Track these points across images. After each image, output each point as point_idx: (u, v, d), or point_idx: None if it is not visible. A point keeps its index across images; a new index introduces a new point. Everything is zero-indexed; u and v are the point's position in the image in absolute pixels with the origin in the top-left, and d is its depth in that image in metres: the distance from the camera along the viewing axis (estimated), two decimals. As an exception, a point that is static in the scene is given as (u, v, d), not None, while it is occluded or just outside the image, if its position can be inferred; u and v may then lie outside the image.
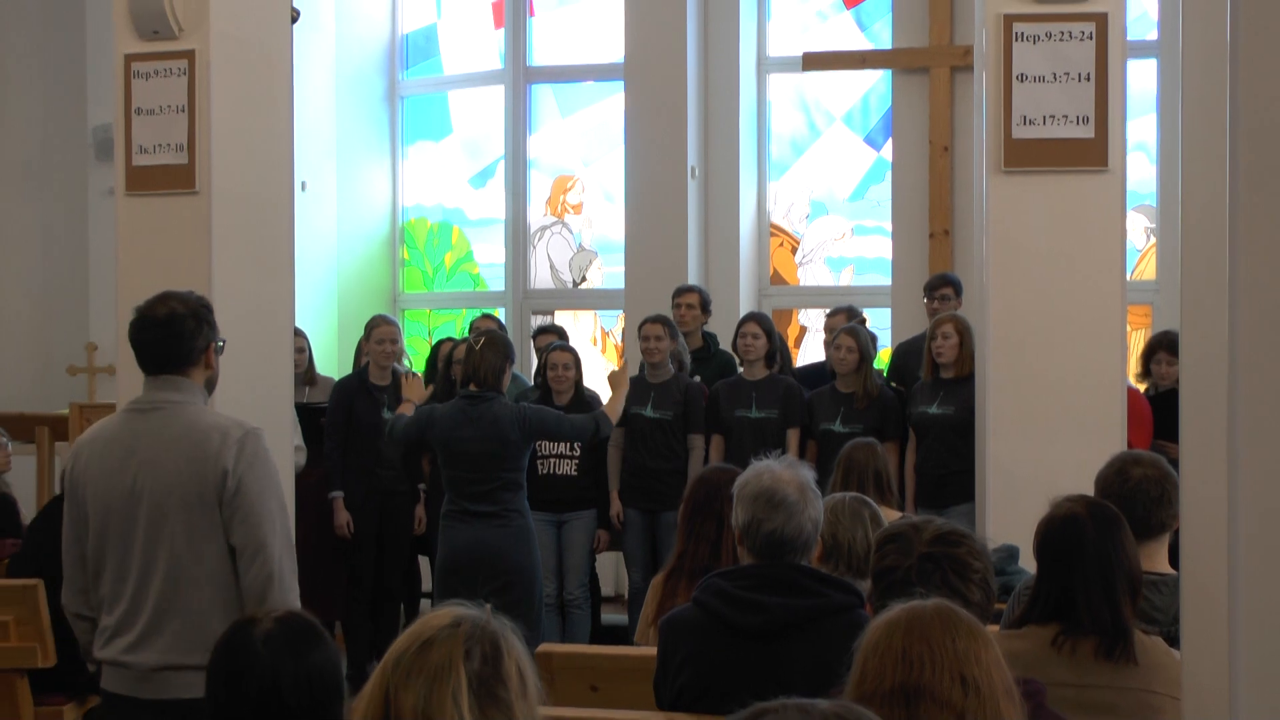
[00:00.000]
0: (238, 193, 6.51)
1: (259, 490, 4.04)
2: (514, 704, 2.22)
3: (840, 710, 1.94)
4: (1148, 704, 3.52)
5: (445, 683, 2.18)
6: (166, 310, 4.14)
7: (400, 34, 11.20)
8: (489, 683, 2.21)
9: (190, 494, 4.01)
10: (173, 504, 4.01)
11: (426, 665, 2.19)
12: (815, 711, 1.92)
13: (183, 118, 6.42)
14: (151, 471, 4.04)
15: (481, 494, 6.69)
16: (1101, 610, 3.52)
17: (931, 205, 9.55)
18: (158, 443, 4.06)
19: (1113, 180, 6.45)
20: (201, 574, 4.02)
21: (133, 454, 4.07)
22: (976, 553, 3.27)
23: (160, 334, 4.12)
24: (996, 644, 2.51)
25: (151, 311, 4.16)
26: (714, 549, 4.63)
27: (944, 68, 9.52)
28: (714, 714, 3.63)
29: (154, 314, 4.14)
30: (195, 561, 4.02)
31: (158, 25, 6.39)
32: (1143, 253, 9.63)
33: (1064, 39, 6.39)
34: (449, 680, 2.18)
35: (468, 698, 2.18)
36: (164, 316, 4.13)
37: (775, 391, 7.83)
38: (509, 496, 6.74)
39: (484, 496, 6.69)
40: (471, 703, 2.18)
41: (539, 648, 4.57)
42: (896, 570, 3.20)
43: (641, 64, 9.96)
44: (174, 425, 4.08)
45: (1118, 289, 6.47)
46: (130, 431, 4.12)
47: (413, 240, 11.28)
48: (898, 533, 3.29)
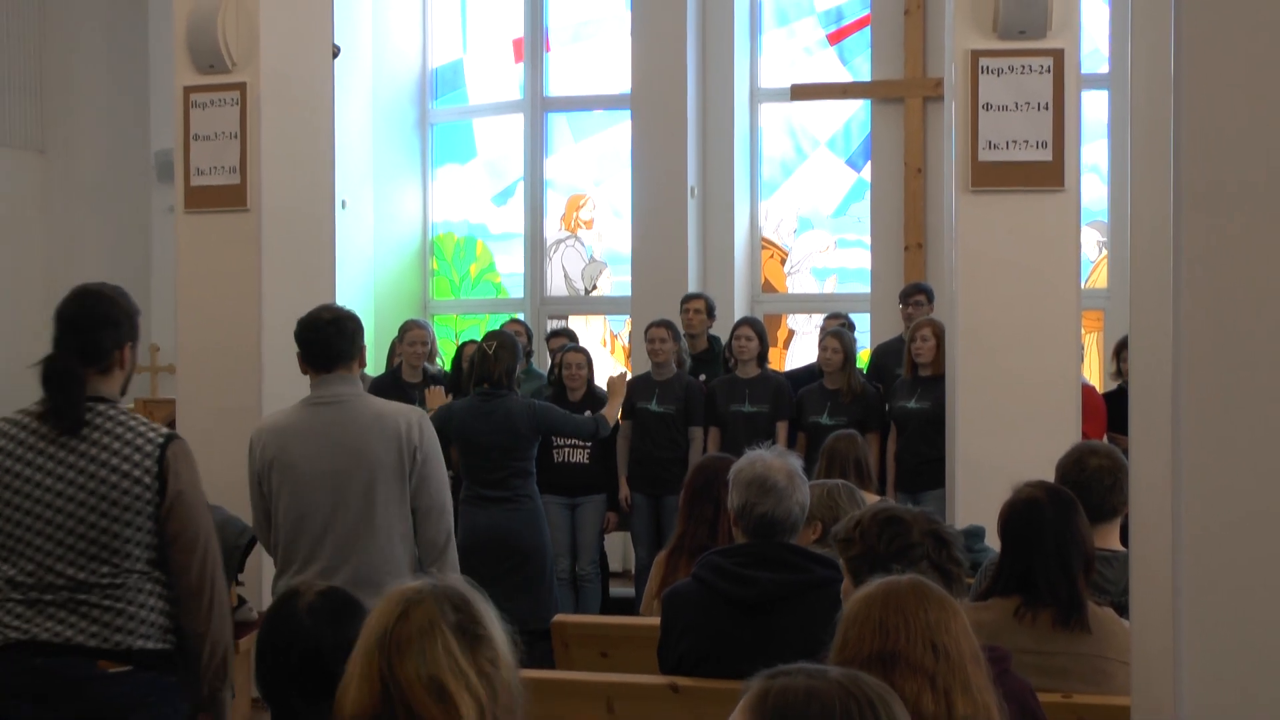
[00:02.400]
0: (284, 210, 6.52)
1: (436, 462, 4.41)
2: (495, 639, 2.22)
3: (845, 678, 1.93)
4: (1100, 668, 3.52)
5: (434, 641, 2.16)
6: (332, 315, 4.43)
7: (430, 68, 11.19)
8: (470, 628, 2.20)
9: (391, 468, 4.33)
10: (380, 477, 4.32)
11: (412, 633, 2.17)
12: (825, 678, 1.91)
13: (235, 143, 6.42)
14: (358, 453, 4.32)
15: (495, 481, 6.70)
16: (1059, 584, 3.52)
17: (906, 221, 9.55)
18: (356, 429, 4.34)
19: (1069, 199, 6.44)
20: (401, 532, 4.37)
21: (335, 441, 4.33)
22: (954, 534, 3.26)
23: (331, 333, 4.36)
24: (964, 615, 2.50)
25: (319, 316, 4.43)
26: (712, 529, 4.62)
27: (917, 98, 9.52)
28: (711, 677, 3.63)
29: (321, 318, 4.41)
30: (401, 520, 4.36)
31: (213, 60, 6.41)
32: (1095, 264, 9.62)
33: (1025, 72, 6.38)
34: (437, 638, 2.17)
35: (458, 646, 2.17)
36: (330, 319, 4.40)
37: (766, 388, 7.85)
38: (520, 483, 6.76)
39: (498, 483, 6.70)
40: (463, 648, 2.17)
41: (554, 618, 4.57)
42: (911, 550, 3.10)
43: (646, 94, 9.95)
44: (364, 414, 4.37)
45: (1073, 296, 6.46)
46: (324, 422, 4.37)
47: (441, 252, 11.27)
48: (894, 516, 3.23)
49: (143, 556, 3.51)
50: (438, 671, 2.14)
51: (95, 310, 3.60)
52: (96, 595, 3.47)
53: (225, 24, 6.34)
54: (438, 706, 2.13)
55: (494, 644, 2.20)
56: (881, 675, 2.22)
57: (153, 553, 3.53)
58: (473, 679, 2.15)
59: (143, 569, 3.52)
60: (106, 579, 3.47)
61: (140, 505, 3.48)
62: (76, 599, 3.46)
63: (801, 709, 1.87)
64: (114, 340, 3.59)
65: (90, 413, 3.51)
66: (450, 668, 2.14)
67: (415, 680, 2.14)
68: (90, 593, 3.47)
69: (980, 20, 6.40)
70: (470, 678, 2.15)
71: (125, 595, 3.48)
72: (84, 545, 3.47)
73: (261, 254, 6.40)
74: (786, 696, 1.89)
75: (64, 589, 3.47)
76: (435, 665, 2.14)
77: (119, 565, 3.48)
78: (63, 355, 3.54)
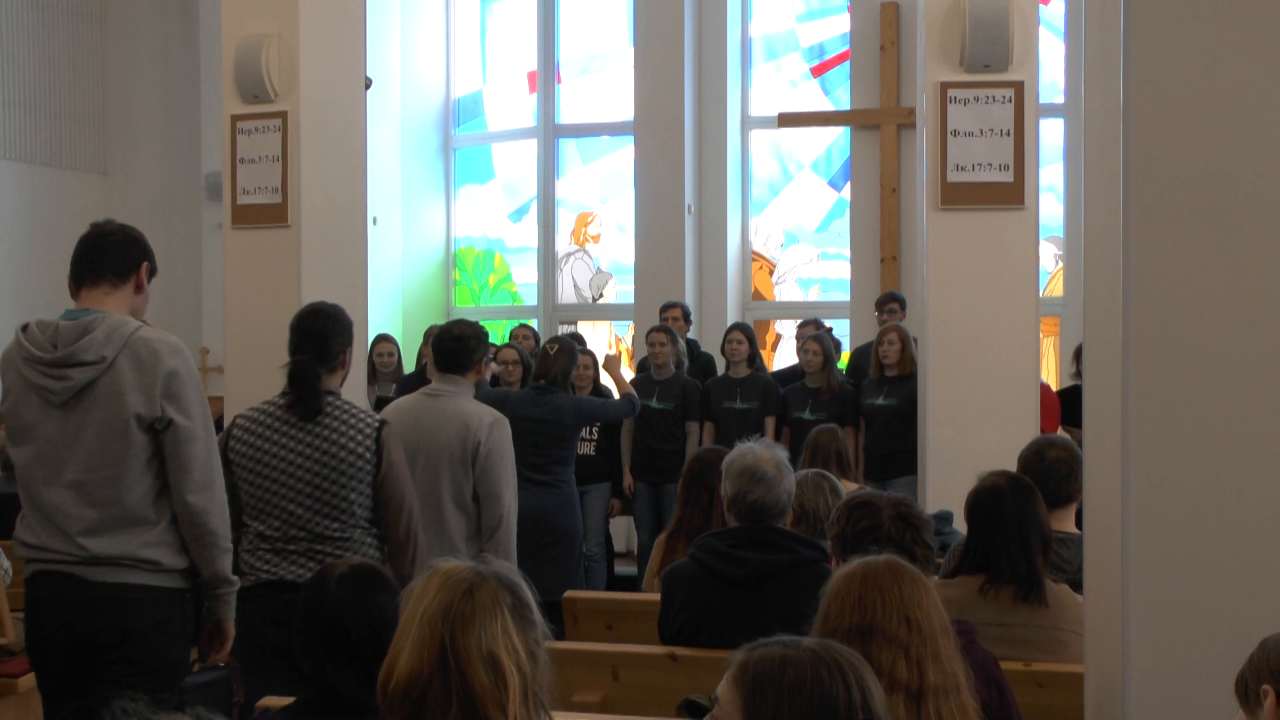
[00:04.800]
0: (321, 226, 6.51)
1: (499, 459, 4.65)
2: (538, 623, 2.24)
3: (818, 646, 1.95)
4: (1057, 639, 3.51)
5: (495, 620, 2.18)
6: (459, 331, 4.82)
7: (453, 98, 11.19)
8: (522, 612, 2.22)
9: (455, 456, 4.61)
10: (441, 462, 4.61)
11: (478, 610, 2.19)
12: (799, 647, 1.94)
13: (277, 166, 6.42)
14: (432, 439, 4.63)
15: (539, 465, 6.68)
16: (1019, 563, 3.51)
17: (883, 236, 9.54)
18: (441, 419, 4.66)
19: (1028, 216, 6.44)
20: (454, 505, 4.61)
21: (420, 424, 4.65)
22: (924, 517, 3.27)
23: (455, 346, 4.76)
24: (935, 591, 2.50)
25: (449, 330, 4.85)
26: (706, 514, 4.62)
27: (892, 125, 9.51)
28: (707, 648, 3.63)
29: (451, 332, 4.83)
30: (456, 497, 4.61)
31: (257, 91, 6.41)
32: (1052, 274, 9.60)
33: (989, 102, 6.38)
34: (498, 617, 2.18)
35: (514, 627, 2.19)
36: (458, 334, 4.80)
37: (755, 387, 7.86)
38: (560, 470, 6.77)
39: (540, 468, 6.69)
40: (517, 629, 2.19)
41: (565, 594, 4.57)
42: (876, 530, 3.16)
43: (648, 122, 9.95)
44: (450, 408, 4.68)
45: (1032, 304, 6.45)
46: (421, 408, 4.73)
47: (463, 264, 11.27)
48: (865, 501, 3.26)
49: (363, 515, 4.04)
50: (495, 647, 2.16)
51: (325, 323, 4.12)
52: (329, 545, 4.00)
53: (269, 59, 6.35)
54: (490, 678, 2.14)
55: (540, 628, 2.23)
56: (860, 646, 2.22)
57: (370, 513, 4.05)
58: (522, 657, 2.17)
59: (364, 525, 4.05)
60: (336, 532, 4.01)
61: (363, 474, 4.01)
62: (314, 548, 4.00)
63: (778, 675, 1.89)
64: (339, 346, 4.13)
65: (323, 403, 4.03)
66: (506, 645, 2.16)
67: (474, 651, 2.15)
68: (324, 543, 4.00)
69: (949, 55, 6.40)
70: (520, 655, 2.17)
71: (350, 545, 4.00)
72: (320, 505, 4.00)
73: (301, 266, 6.39)
74: (764, 665, 1.91)
75: (304, 540, 4.01)
76: (494, 641, 2.16)
77: (346, 521, 4.01)
78: (304, 358, 4.06)
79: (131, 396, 3.41)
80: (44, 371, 3.44)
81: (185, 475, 3.45)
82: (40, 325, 3.49)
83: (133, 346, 3.43)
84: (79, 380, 3.40)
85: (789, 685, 1.88)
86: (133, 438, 3.42)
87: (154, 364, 3.43)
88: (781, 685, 1.88)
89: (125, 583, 3.43)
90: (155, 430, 3.45)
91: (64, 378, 3.42)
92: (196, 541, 3.50)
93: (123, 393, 3.40)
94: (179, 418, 3.44)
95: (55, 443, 3.43)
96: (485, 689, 2.13)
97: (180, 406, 3.45)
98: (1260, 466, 2.40)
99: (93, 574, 3.42)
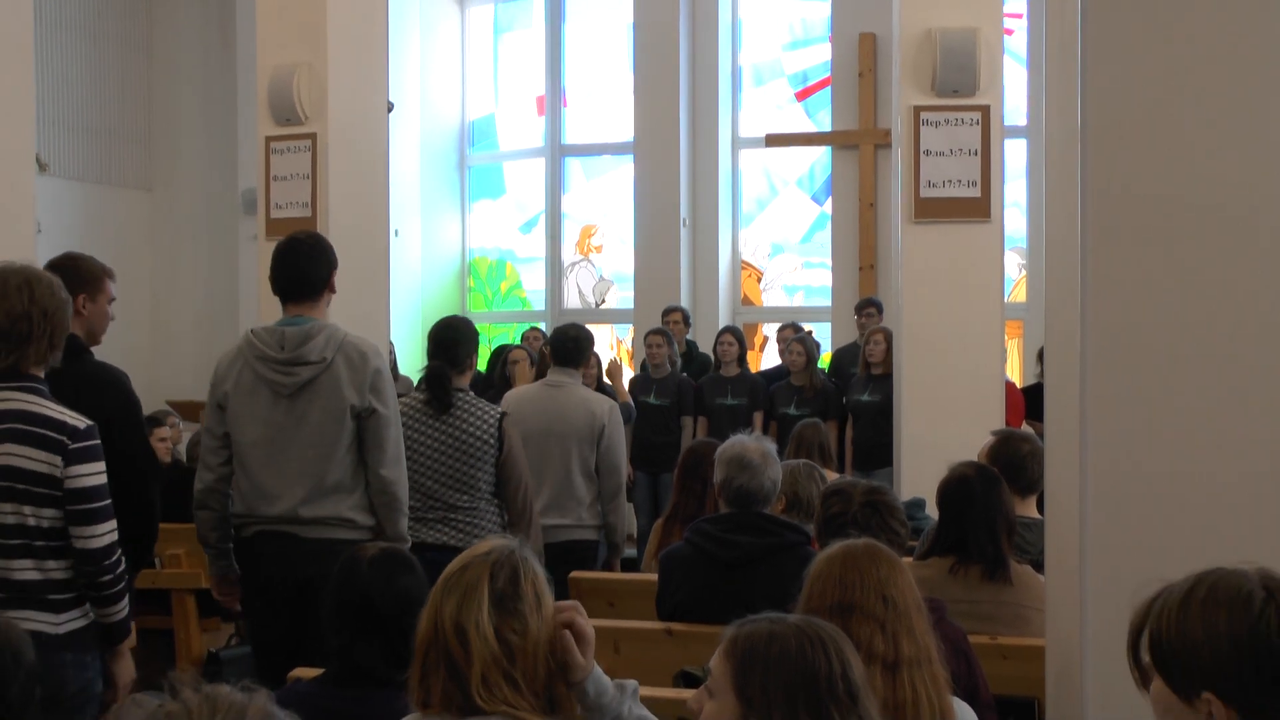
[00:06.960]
0: (346, 238, 6.48)
1: (618, 439, 5.20)
2: (529, 616, 2.15)
3: (802, 622, 1.96)
4: (1020, 615, 3.51)
5: (472, 598, 2.14)
6: (575, 333, 5.32)
7: (467, 120, 11.19)
8: (509, 599, 2.15)
9: (583, 436, 5.10)
10: (571, 441, 5.09)
11: (462, 583, 2.15)
12: (784, 623, 1.95)
13: (307, 183, 6.43)
14: (562, 422, 5.10)
15: None
16: (986, 545, 3.51)
17: (861, 246, 9.55)
18: (567, 405, 5.14)
19: (994, 229, 6.45)
20: (585, 477, 5.10)
21: (547, 410, 5.11)
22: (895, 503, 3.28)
23: (572, 346, 5.26)
24: (909, 571, 2.51)
25: (565, 332, 5.35)
26: (700, 501, 4.62)
27: (870, 145, 9.52)
28: (700, 623, 3.62)
29: (567, 334, 5.32)
30: (585, 473, 5.10)
31: (289, 114, 6.41)
32: (1016, 282, 9.61)
33: (958, 124, 6.39)
34: (475, 596, 2.14)
35: (489, 610, 2.13)
36: (574, 336, 5.31)
37: (745, 385, 7.90)
38: None
39: None
40: (491, 613, 2.12)
41: (570, 574, 4.57)
42: (844, 515, 3.20)
43: (646, 142, 9.97)
44: (575, 397, 5.18)
45: (998, 309, 6.47)
46: (549, 397, 5.19)
47: (477, 273, 11.27)
48: (838, 489, 3.29)
49: (488, 490, 4.50)
50: (464, 621, 2.13)
51: (454, 334, 4.60)
52: (460, 515, 4.47)
53: (300, 85, 6.35)
54: (459, 649, 2.12)
55: (524, 619, 2.15)
56: (840, 622, 2.22)
57: (493, 488, 4.51)
58: (490, 640, 2.11)
59: (488, 498, 4.51)
60: (467, 503, 4.48)
61: (488, 456, 4.47)
62: (449, 516, 4.48)
63: (765, 648, 1.90)
64: (466, 352, 4.59)
65: (454, 398, 4.48)
66: (475, 622, 2.12)
67: (448, 620, 2.14)
68: (457, 513, 4.48)
69: (921, 81, 6.42)
70: (489, 640, 2.11)
71: (477, 514, 4.47)
72: (453, 481, 4.47)
73: (329, 274, 6.39)
74: (752, 639, 1.92)
75: (440, 509, 4.48)
76: (464, 616, 2.13)
77: (474, 494, 4.48)
78: (437, 364, 4.52)
79: (347, 390, 3.79)
80: (275, 368, 3.81)
81: (381, 453, 3.83)
82: (266, 330, 3.87)
83: (345, 350, 3.82)
84: (305, 376, 3.79)
85: (775, 657, 1.89)
86: (346, 424, 3.80)
87: (363, 364, 3.82)
88: (768, 657, 1.89)
89: (331, 538, 3.76)
90: (361, 417, 3.81)
91: (292, 374, 3.80)
92: (385, 506, 3.86)
93: (340, 387, 3.79)
94: (380, 407, 3.82)
95: (281, 427, 3.80)
96: (460, 657, 2.12)
97: (382, 398, 3.83)
98: (1205, 456, 2.41)
99: (307, 532, 3.79)
